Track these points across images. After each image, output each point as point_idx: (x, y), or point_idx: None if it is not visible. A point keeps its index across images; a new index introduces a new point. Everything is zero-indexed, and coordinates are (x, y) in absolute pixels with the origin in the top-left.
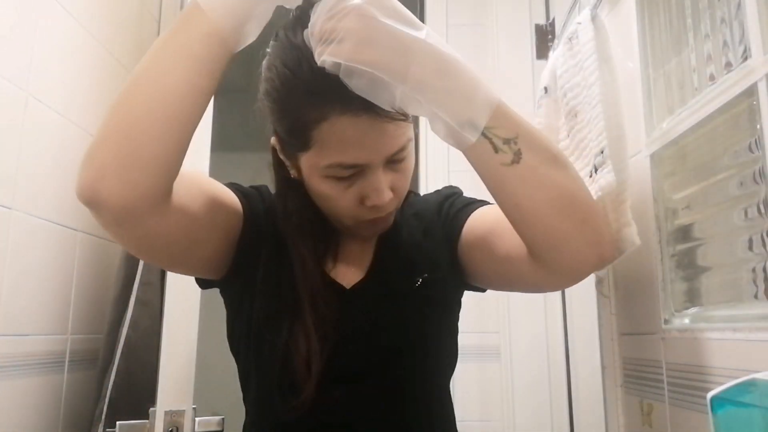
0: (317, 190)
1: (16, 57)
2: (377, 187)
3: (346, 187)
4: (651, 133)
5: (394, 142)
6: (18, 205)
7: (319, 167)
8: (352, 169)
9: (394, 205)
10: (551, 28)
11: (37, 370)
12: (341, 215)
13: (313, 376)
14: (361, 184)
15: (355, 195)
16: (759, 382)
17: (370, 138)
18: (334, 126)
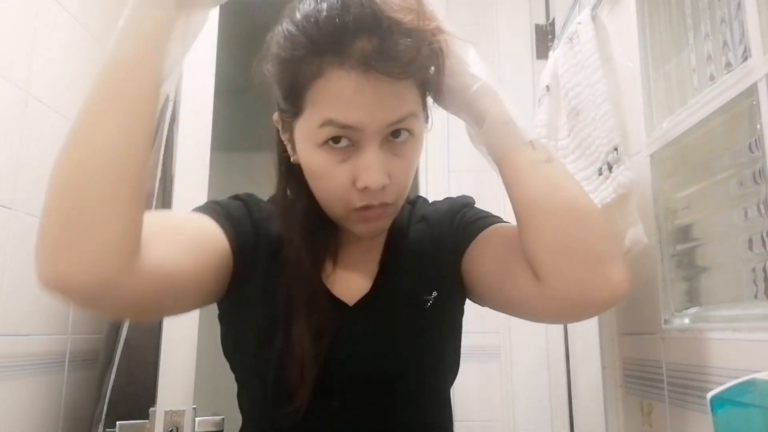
0: (310, 164)
1: (16, 57)
2: (369, 165)
3: (339, 161)
4: (651, 133)
5: (393, 108)
6: (18, 205)
7: (312, 131)
8: (345, 130)
9: (391, 197)
10: (551, 28)
11: (37, 370)
12: (333, 200)
13: (307, 384)
14: (354, 160)
15: (347, 172)
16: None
17: (366, 96)
18: (329, 81)
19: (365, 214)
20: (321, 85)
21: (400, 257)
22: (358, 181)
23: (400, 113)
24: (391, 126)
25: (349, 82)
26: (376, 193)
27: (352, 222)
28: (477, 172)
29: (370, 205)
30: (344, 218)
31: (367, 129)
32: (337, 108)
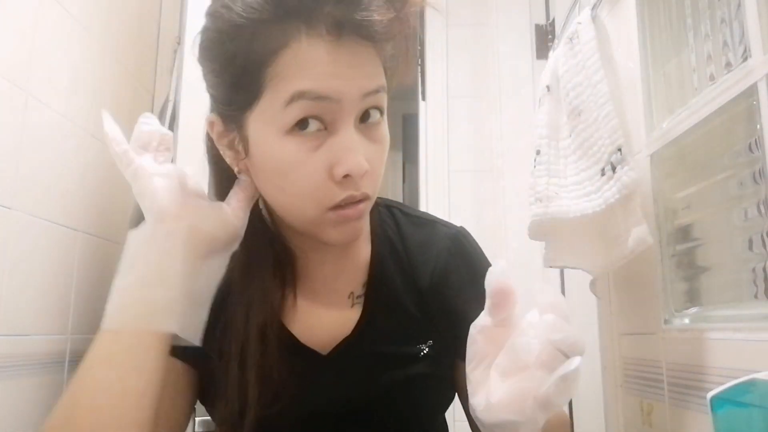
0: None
1: (16, 57)
2: (350, 146)
3: (311, 148)
4: (651, 133)
5: (370, 75)
6: (18, 205)
7: (276, 114)
8: (320, 104)
9: (371, 188)
10: (551, 28)
11: (37, 370)
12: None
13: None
14: (329, 145)
15: (322, 161)
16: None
17: (341, 64)
18: (297, 51)
19: (344, 212)
20: (287, 57)
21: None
22: (338, 167)
23: (377, 82)
24: (368, 96)
25: (320, 49)
26: (357, 181)
27: (325, 226)
28: (477, 172)
29: (350, 198)
30: (315, 223)
31: (344, 99)
32: (309, 78)
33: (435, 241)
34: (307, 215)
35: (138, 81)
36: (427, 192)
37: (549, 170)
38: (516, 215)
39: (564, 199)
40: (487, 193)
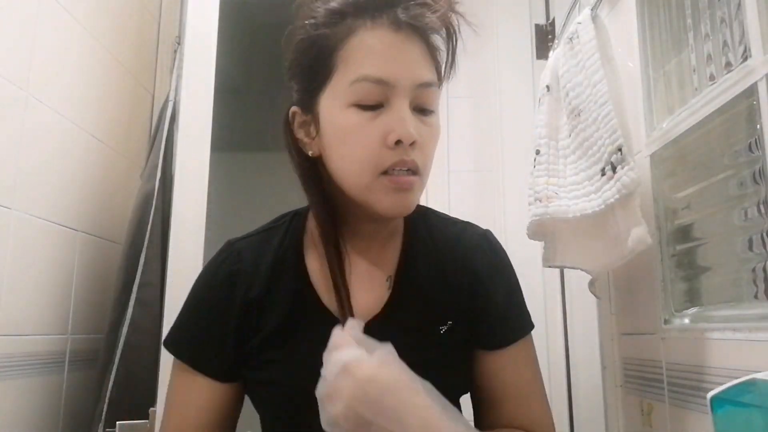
0: (339, 125)
1: (16, 57)
2: (401, 116)
3: (370, 118)
4: (651, 133)
5: (423, 67)
6: (18, 205)
7: (342, 91)
8: (378, 86)
9: (421, 162)
10: (551, 28)
11: (37, 370)
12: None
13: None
14: (385, 116)
15: (378, 129)
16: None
17: (398, 52)
18: (362, 39)
19: (395, 180)
20: (353, 43)
21: (416, 276)
22: (391, 135)
23: (429, 76)
24: (421, 87)
25: (381, 38)
26: (407, 149)
27: (378, 193)
28: (477, 173)
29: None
30: (370, 189)
31: (399, 85)
32: (370, 63)
33: (464, 237)
34: (364, 180)
35: (138, 81)
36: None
37: (548, 170)
38: (516, 215)
39: (563, 199)
40: (487, 193)
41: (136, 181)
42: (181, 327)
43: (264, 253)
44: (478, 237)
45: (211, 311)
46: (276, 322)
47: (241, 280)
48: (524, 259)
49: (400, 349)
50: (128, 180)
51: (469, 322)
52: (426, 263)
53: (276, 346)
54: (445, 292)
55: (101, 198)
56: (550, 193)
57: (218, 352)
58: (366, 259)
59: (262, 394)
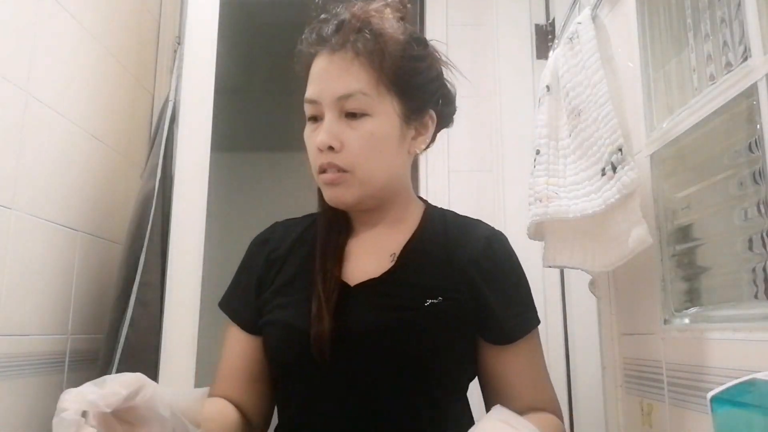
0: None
1: (16, 57)
2: (324, 128)
3: (313, 129)
4: (651, 133)
5: (343, 83)
6: (18, 205)
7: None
8: (312, 106)
9: (345, 163)
10: (551, 28)
11: (37, 370)
12: (312, 167)
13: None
14: (318, 128)
15: (314, 139)
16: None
17: (326, 73)
18: (312, 67)
19: (323, 177)
20: (311, 69)
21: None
22: (316, 142)
23: (349, 88)
24: (341, 99)
25: (321, 62)
26: (327, 154)
27: (321, 186)
28: (477, 172)
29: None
30: (318, 183)
31: (323, 101)
32: (309, 86)
33: (477, 231)
34: (315, 176)
35: (138, 81)
36: (427, 192)
37: (549, 170)
38: (516, 215)
39: (563, 199)
40: (487, 193)
41: (136, 181)
42: (228, 288)
43: (294, 229)
44: (489, 232)
45: (245, 270)
46: (290, 274)
47: (270, 245)
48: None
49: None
50: (128, 180)
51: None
52: (434, 247)
53: (284, 294)
54: (444, 274)
55: (101, 198)
56: (550, 193)
57: (246, 303)
58: (371, 237)
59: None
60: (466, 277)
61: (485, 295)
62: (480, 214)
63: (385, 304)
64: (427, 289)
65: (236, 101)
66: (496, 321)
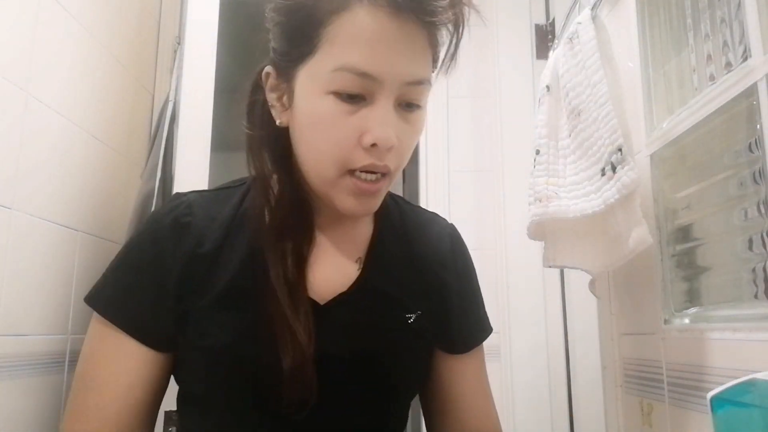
0: (313, 112)
1: (16, 57)
2: (384, 119)
3: (348, 112)
4: (651, 133)
5: (417, 62)
6: (18, 205)
7: (323, 74)
8: (362, 80)
9: (394, 165)
10: (551, 28)
11: (37, 370)
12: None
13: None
14: (365, 113)
15: (355, 125)
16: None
17: (391, 42)
18: (355, 18)
19: (360, 186)
20: (344, 20)
21: (387, 259)
22: (367, 136)
23: (421, 74)
24: (410, 85)
25: (377, 21)
26: (382, 153)
27: (341, 192)
28: (477, 172)
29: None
30: (333, 185)
31: (386, 81)
32: (358, 51)
33: (435, 228)
34: (328, 175)
35: (138, 81)
36: (427, 192)
37: (548, 170)
38: (516, 215)
39: (563, 199)
40: (487, 193)
41: (136, 181)
42: (113, 283)
43: (220, 211)
44: (448, 228)
45: (153, 265)
46: (227, 281)
47: (190, 233)
48: (524, 259)
49: (365, 331)
50: (128, 180)
51: (436, 319)
52: (396, 247)
53: (227, 308)
54: (414, 279)
55: (101, 198)
56: (550, 193)
57: (157, 313)
58: (333, 238)
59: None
60: (436, 283)
61: (451, 300)
62: (480, 214)
63: (364, 324)
64: (403, 301)
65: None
66: (457, 328)
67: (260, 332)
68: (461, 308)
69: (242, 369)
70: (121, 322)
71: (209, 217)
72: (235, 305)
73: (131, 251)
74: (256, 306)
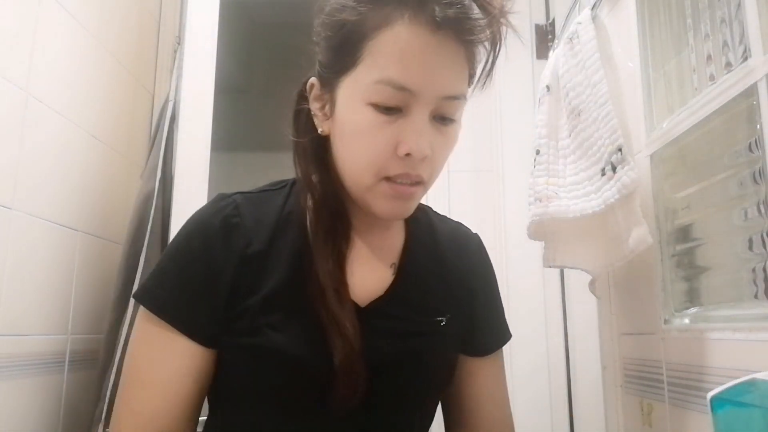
0: (353, 121)
1: (16, 57)
2: (418, 129)
3: (385, 122)
4: (651, 133)
5: (453, 79)
6: (18, 205)
7: (364, 86)
8: (401, 93)
9: (427, 175)
10: (551, 28)
11: (37, 370)
12: (366, 164)
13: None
14: (401, 124)
15: (391, 135)
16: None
17: (430, 57)
18: (396, 35)
19: (397, 188)
20: (386, 36)
21: (418, 266)
22: (402, 146)
23: (457, 90)
24: (446, 99)
25: (417, 38)
26: (416, 163)
27: (378, 196)
28: (477, 172)
29: (405, 176)
30: (370, 190)
31: (422, 94)
32: (398, 66)
33: (463, 237)
34: (365, 181)
35: (138, 81)
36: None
37: (548, 170)
38: (516, 215)
39: (563, 199)
40: (487, 193)
41: (136, 181)
42: (163, 280)
43: (267, 211)
44: (473, 237)
45: (204, 263)
46: (275, 281)
47: (240, 233)
48: (524, 259)
49: (400, 334)
50: (128, 180)
51: (464, 323)
52: (426, 254)
53: (276, 308)
54: (443, 285)
55: (101, 198)
56: (550, 193)
57: (208, 312)
58: (368, 242)
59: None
60: (465, 290)
61: (477, 306)
62: (480, 214)
63: (399, 330)
64: (433, 306)
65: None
66: (481, 332)
67: (309, 331)
68: (486, 314)
69: (292, 367)
70: (172, 320)
71: (255, 218)
72: (284, 305)
73: (180, 250)
74: (304, 305)
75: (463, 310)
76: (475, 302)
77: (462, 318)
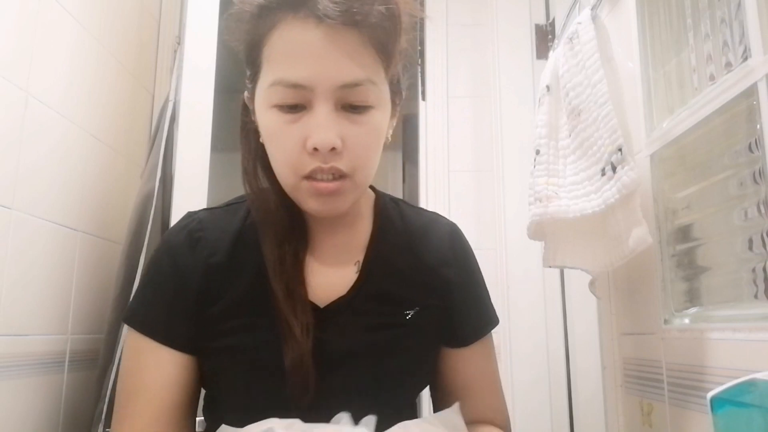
0: (263, 126)
1: (16, 57)
2: (321, 123)
3: (290, 121)
4: (651, 133)
5: (346, 68)
6: (18, 205)
7: (264, 91)
8: (295, 91)
9: (346, 166)
10: (551, 28)
11: (37, 370)
12: (284, 166)
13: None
14: (306, 120)
15: (298, 133)
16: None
17: (319, 51)
18: (281, 35)
19: (317, 186)
20: (275, 39)
21: (385, 261)
22: (308, 141)
23: (354, 76)
24: (346, 88)
25: (301, 33)
26: (326, 155)
27: (303, 195)
28: (477, 172)
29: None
30: (296, 190)
31: (317, 88)
32: (286, 64)
33: (437, 227)
34: (288, 182)
35: (138, 81)
36: (427, 192)
37: (548, 170)
38: (516, 215)
39: (563, 199)
40: (487, 193)
41: (136, 181)
42: (142, 300)
43: (228, 224)
44: (448, 227)
45: (173, 277)
46: (240, 288)
47: (203, 245)
48: (524, 259)
49: (363, 330)
50: (128, 180)
51: (439, 315)
52: (397, 248)
53: (240, 314)
54: (414, 278)
55: (101, 198)
56: (550, 193)
57: (184, 320)
58: (332, 242)
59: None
60: (438, 281)
61: (454, 296)
62: (480, 214)
63: (362, 324)
64: (402, 299)
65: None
66: (460, 322)
67: (270, 332)
68: (464, 303)
69: (258, 367)
70: (152, 333)
71: (219, 230)
72: (248, 311)
73: (152, 269)
74: (266, 310)
75: (438, 302)
76: (451, 293)
77: (436, 310)
